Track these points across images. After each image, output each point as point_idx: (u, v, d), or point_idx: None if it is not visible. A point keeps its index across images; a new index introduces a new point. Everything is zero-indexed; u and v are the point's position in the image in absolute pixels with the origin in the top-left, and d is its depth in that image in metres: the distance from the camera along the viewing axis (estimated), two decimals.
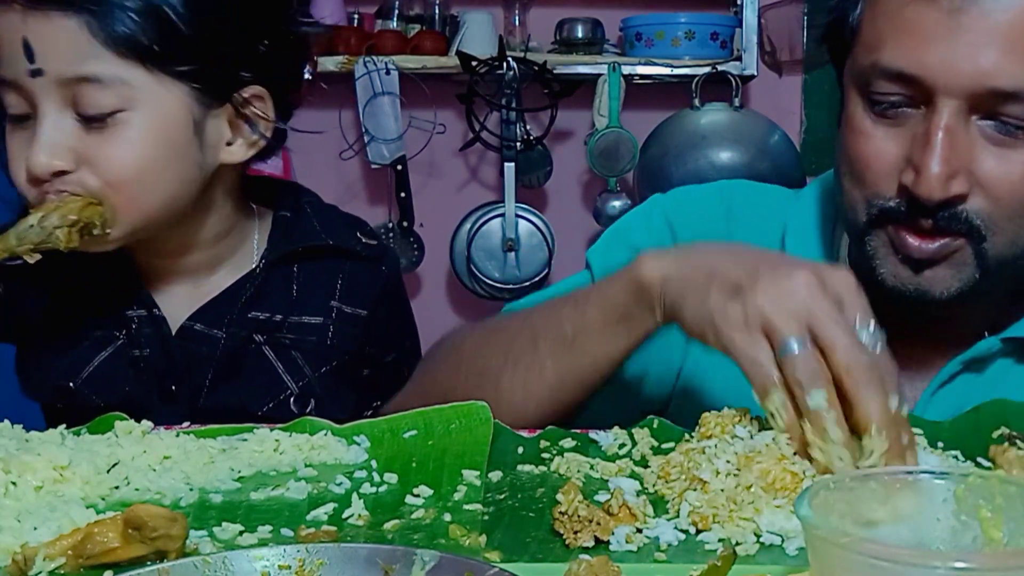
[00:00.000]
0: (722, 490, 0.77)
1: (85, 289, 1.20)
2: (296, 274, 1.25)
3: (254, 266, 1.23)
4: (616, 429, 0.95)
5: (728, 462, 0.79)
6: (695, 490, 0.78)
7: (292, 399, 1.21)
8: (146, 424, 0.96)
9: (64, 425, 0.96)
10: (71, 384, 1.19)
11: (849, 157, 1.02)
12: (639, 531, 0.75)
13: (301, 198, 1.30)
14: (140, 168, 1.10)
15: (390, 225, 2.93)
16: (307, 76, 1.25)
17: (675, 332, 0.93)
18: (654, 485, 0.84)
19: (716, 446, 0.82)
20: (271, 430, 0.94)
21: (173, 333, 1.21)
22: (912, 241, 0.98)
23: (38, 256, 1.07)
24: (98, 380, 1.19)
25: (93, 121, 1.08)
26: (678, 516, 0.77)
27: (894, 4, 0.97)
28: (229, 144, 1.16)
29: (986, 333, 1.08)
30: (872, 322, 0.81)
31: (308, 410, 1.20)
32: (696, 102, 2.79)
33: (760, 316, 0.81)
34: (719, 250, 0.91)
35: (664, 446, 0.91)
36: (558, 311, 1.00)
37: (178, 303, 1.22)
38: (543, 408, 0.99)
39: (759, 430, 0.84)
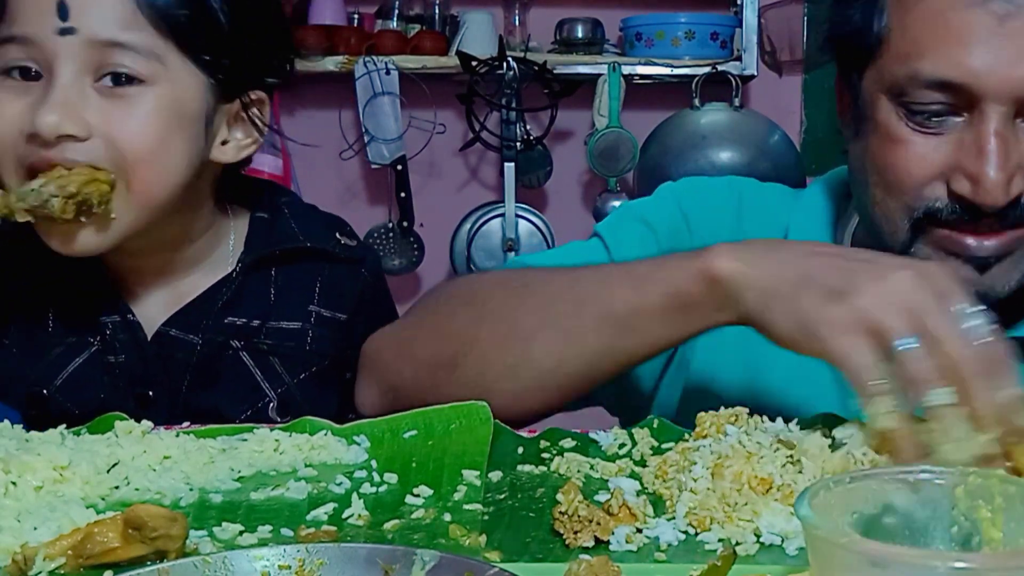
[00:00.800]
0: (713, 490, 0.77)
1: (58, 295, 1.18)
2: (274, 278, 1.23)
3: (231, 270, 1.21)
4: (616, 429, 0.95)
5: (706, 467, 0.79)
6: (690, 491, 0.78)
7: (271, 406, 1.19)
8: (146, 424, 0.96)
9: (63, 426, 0.96)
10: (44, 391, 1.16)
11: (884, 167, 1.01)
12: (639, 531, 0.75)
13: (279, 198, 1.28)
14: (156, 143, 1.08)
15: (390, 225, 2.93)
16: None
17: None
18: (652, 484, 0.84)
19: (709, 446, 0.82)
20: (271, 430, 0.94)
21: (149, 339, 1.18)
22: (971, 241, 0.98)
23: (29, 217, 1.05)
24: (72, 387, 1.16)
25: (117, 86, 1.07)
26: (675, 518, 0.77)
27: (933, 11, 0.96)
28: (224, 143, 1.16)
29: None
30: (982, 311, 0.79)
31: (287, 417, 1.16)
32: (696, 102, 2.79)
33: (866, 318, 0.79)
34: (801, 250, 0.88)
35: (664, 446, 0.91)
36: (611, 285, 0.96)
37: (153, 308, 1.20)
38: (572, 378, 0.97)
39: (754, 428, 0.84)
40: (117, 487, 0.85)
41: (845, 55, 1.06)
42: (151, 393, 1.17)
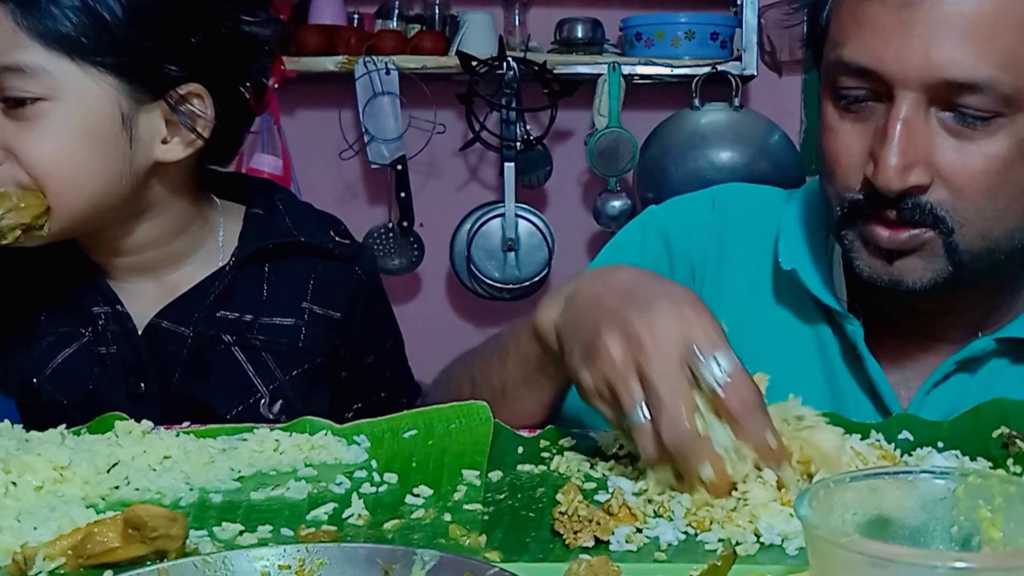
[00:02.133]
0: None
1: (49, 285, 1.18)
2: (267, 273, 1.22)
3: (224, 264, 1.20)
4: (616, 429, 0.95)
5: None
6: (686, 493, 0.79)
7: (263, 403, 1.18)
8: (146, 424, 0.96)
9: (64, 425, 0.96)
10: (34, 380, 1.17)
11: (822, 154, 1.03)
12: (639, 531, 0.75)
13: (274, 195, 1.27)
14: (63, 160, 1.07)
15: (390, 225, 2.93)
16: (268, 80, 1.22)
17: None
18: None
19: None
20: (271, 430, 0.94)
21: (140, 330, 1.18)
22: (882, 232, 0.99)
23: None
24: (62, 377, 1.17)
25: (16, 107, 1.06)
26: (674, 518, 0.77)
27: (851, 1, 0.98)
28: (165, 142, 1.12)
29: (980, 333, 1.08)
30: (722, 348, 0.80)
31: (278, 414, 1.18)
32: (696, 102, 2.79)
33: (605, 383, 0.82)
34: (592, 293, 0.88)
35: None
36: (489, 362, 1.03)
37: (145, 299, 1.19)
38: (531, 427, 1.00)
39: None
40: (117, 487, 0.85)
41: (813, 51, 1.09)
42: (142, 385, 1.17)
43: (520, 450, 0.92)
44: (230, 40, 1.15)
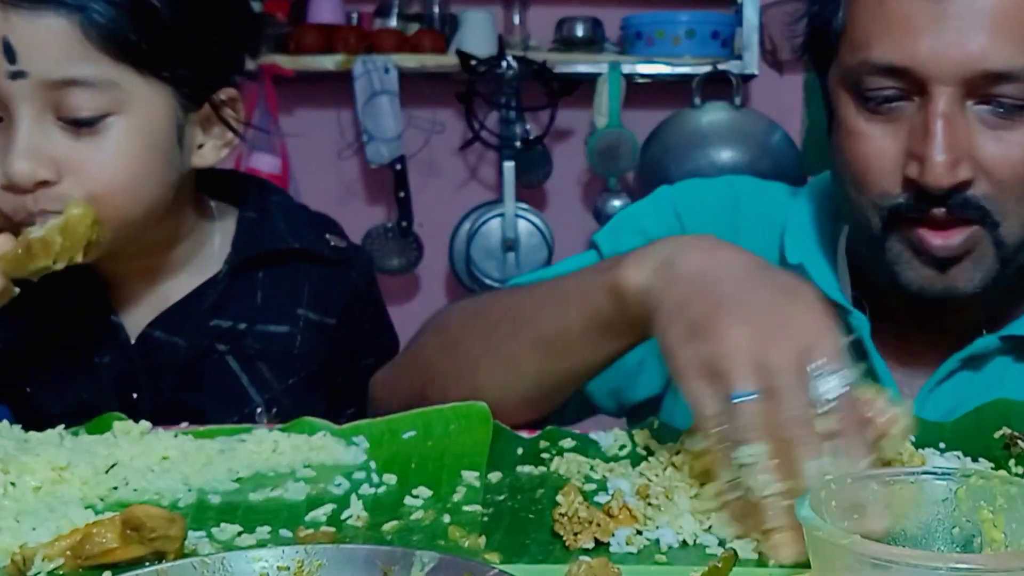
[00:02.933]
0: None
1: (42, 293, 1.12)
2: (261, 280, 1.20)
3: (217, 271, 1.18)
4: (616, 430, 0.95)
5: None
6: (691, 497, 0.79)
7: (258, 412, 1.16)
8: (144, 424, 0.96)
9: (62, 427, 0.95)
10: (27, 388, 1.15)
11: (848, 161, 1.01)
12: (639, 533, 0.75)
13: (268, 197, 1.24)
14: (130, 175, 1.05)
15: (389, 225, 2.93)
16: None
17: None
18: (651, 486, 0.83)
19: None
20: (269, 431, 0.94)
21: (133, 340, 1.16)
22: (934, 240, 0.97)
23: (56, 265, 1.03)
24: (55, 386, 1.15)
25: (81, 126, 1.03)
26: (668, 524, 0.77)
27: (876, 1, 0.97)
28: (200, 147, 1.12)
29: (984, 331, 1.08)
30: (840, 368, 0.75)
31: (275, 424, 1.16)
32: (697, 101, 2.79)
33: (713, 364, 0.76)
34: (699, 267, 0.84)
35: (664, 446, 0.90)
36: (542, 306, 0.96)
37: (139, 309, 1.17)
38: (521, 406, 0.97)
39: None
40: (116, 488, 0.84)
41: (814, 57, 1.07)
42: (135, 395, 1.15)
43: (520, 451, 0.92)
44: (253, 36, 1.16)
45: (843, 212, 1.08)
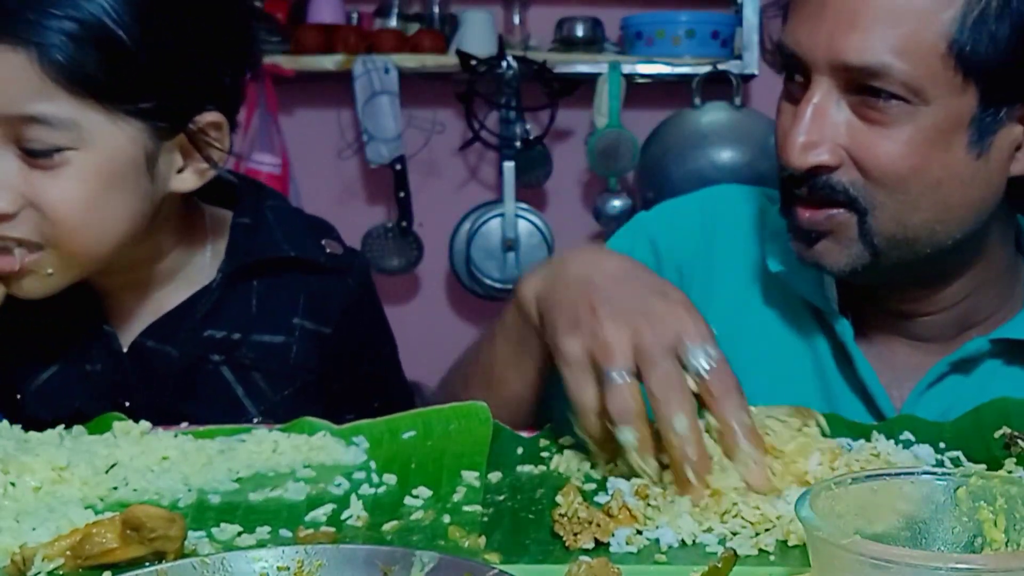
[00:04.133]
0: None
1: (35, 302, 1.09)
2: (256, 289, 1.17)
3: (211, 280, 1.15)
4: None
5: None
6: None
7: (254, 423, 1.10)
8: (144, 425, 0.96)
9: (61, 427, 0.95)
10: (19, 396, 1.14)
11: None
12: (639, 533, 0.75)
13: (263, 202, 1.21)
14: (89, 210, 1.01)
15: (389, 225, 2.93)
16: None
17: None
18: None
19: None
20: (269, 431, 0.94)
21: (125, 349, 1.14)
22: (802, 212, 1.03)
23: None
24: (47, 394, 1.13)
25: (38, 157, 0.99)
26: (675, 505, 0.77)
27: None
28: (180, 171, 1.08)
29: (972, 333, 1.08)
30: (710, 344, 0.83)
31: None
32: (697, 101, 2.79)
33: (590, 352, 0.84)
34: (582, 272, 0.91)
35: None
36: (480, 347, 1.05)
37: (131, 318, 1.15)
38: (517, 427, 0.99)
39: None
40: (115, 488, 0.85)
41: None
42: (128, 404, 1.12)
43: (520, 450, 0.92)
44: (249, 63, 1.12)
45: None
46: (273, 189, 1.27)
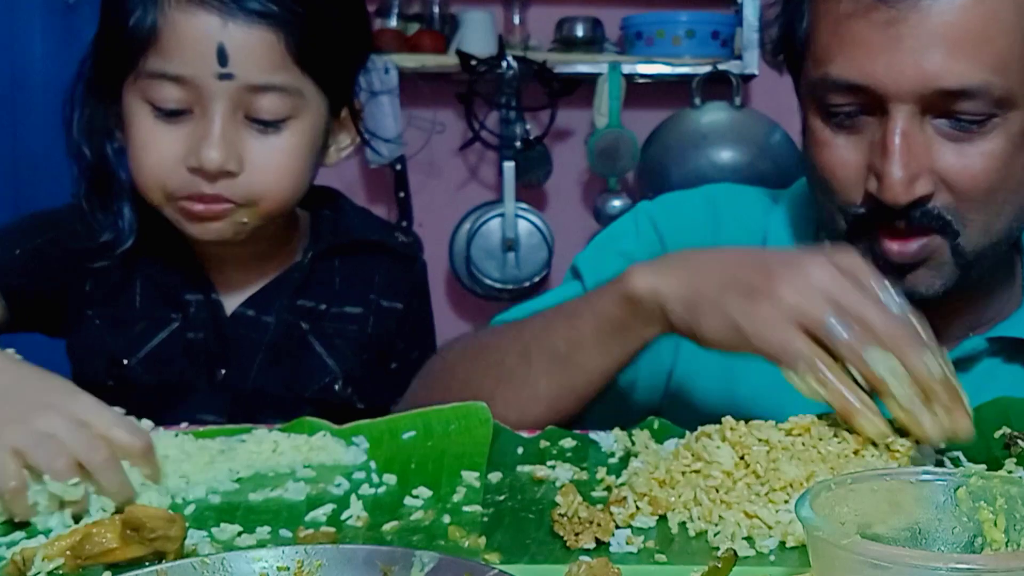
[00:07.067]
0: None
1: (145, 271, 1.25)
2: (338, 267, 1.31)
3: (300, 258, 1.29)
4: (616, 430, 0.95)
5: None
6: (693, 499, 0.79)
7: (337, 383, 1.26)
8: (146, 424, 0.96)
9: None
10: (125, 361, 1.22)
11: (815, 168, 1.04)
12: (639, 533, 0.75)
13: (338, 199, 1.37)
14: (297, 171, 1.18)
15: None
16: None
17: (663, 338, 0.94)
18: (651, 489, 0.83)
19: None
20: (269, 431, 0.94)
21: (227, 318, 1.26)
22: (892, 246, 1.00)
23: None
24: (152, 361, 1.23)
25: (267, 126, 1.15)
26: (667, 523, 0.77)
27: (834, 19, 0.99)
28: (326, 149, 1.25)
29: (971, 332, 1.08)
30: (890, 287, 0.83)
31: (350, 395, 1.26)
32: (697, 101, 2.79)
33: (791, 310, 0.82)
34: (713, 256, 0.92)
35: (665, 446, 0.90)
36: (550, 325, 1.00)
37: (232, 290, 1.27)
38: (539, 424, 0.99)
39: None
40: None
41: (786, 59, 1.09)
42: (222, 371, 1.24)
43: (520, 451, 0.92)
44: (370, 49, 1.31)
45: (819, 216, 1.10)
46: (339, 191, 1.41)
